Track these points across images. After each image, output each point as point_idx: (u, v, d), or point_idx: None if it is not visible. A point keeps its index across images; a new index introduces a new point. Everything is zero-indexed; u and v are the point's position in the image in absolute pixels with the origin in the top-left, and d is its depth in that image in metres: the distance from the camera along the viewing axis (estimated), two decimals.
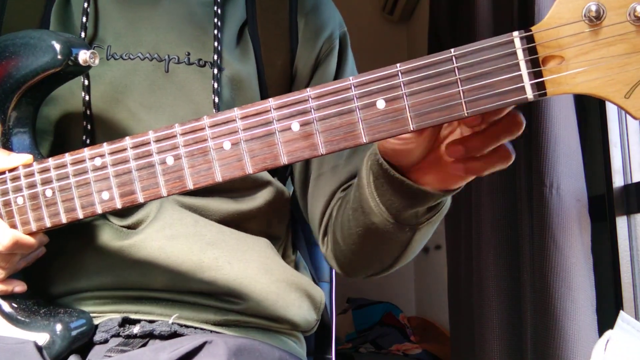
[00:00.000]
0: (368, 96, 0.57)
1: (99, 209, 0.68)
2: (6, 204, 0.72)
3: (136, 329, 0.77)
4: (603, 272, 1.32)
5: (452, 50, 0.54)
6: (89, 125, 0.82)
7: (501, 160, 0.59)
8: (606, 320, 0.98)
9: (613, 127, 1.35)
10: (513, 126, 0.57)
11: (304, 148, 0.59)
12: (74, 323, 0.75)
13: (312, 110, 0.58)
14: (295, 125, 0.59)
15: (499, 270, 1.50)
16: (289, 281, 0.87)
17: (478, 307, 1.58)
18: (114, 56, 0.85)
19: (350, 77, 0.57)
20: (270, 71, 0.91)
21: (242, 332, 0.83)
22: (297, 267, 0.98)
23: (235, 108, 0.60)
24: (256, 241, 0.88)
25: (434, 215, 0.71)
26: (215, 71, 0.85)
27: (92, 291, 0.81)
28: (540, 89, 0.52)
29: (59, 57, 0.71)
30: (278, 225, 0.95)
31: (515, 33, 0.52)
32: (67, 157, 0.69)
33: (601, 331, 1.21)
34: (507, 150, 0.59)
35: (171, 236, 0.81)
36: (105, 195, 0.67)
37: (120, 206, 0.67)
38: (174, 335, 0.78)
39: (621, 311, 0.83)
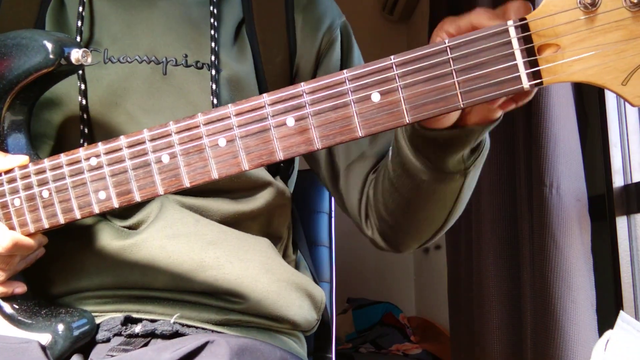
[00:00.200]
0: (363, 89, 0.56)
1: (96, 209, 0.67)
2: (3, 205, 0.72)
3: (138, 329, 0.77)
4: (603, 272, 1.31)
5: (447, 41, 0.54)
6: (86, 129, 0.82)
7: None
8: (606, 320, 0.97)
9: (613, 127, 1.35)
10: None
11: (299, 143, 0.59)
12: (76, 323, 0.75)
13: (306, 105, 0.58)
14: (290, 121, 0.58)
15: (499, 270, 1.50)
16: (289, 281, 0.87)
17: (478, 307, 1.58)
18: (112, 59, 0.85)
19: (344, 71, 0.57)
20: (269, 69, 0.90)
21: (243, 332, 0.82)
22: (297, 266, 0.98)
23: (230, 105, 0.60)
24: (257, 241, 0.88)
25: (477, 156, 0.72)
26: (213, 72, 0.85)
27: (93, 291, 0.80)
28: (536, 77, 0.52)
29: (51, 56, 0.71)
30: (279, 225, 0.95)
31: (510, 22, 0.52)
32: (63, 158, 0.68)
33: (601, 331, 1.21)
34: None
35: (172, 235, 0.81)
36: (102, 195, 0.67)
37: (117, 205, 0.66)
38: (175, 334, 0.77)
39: (621, 311, 0.83)
